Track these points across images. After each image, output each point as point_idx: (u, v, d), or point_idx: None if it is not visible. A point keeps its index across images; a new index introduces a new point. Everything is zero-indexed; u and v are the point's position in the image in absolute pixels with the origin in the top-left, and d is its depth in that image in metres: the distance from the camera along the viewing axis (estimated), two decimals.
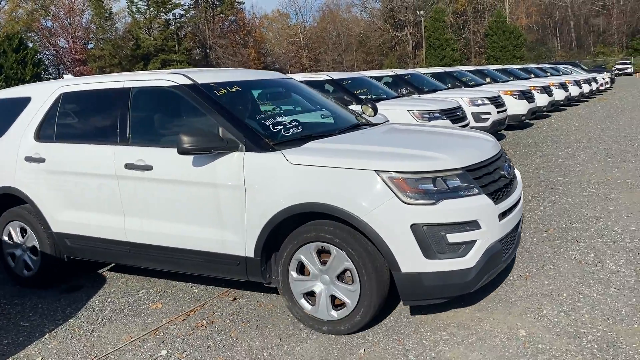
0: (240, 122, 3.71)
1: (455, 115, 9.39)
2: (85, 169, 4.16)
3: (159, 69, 57.57)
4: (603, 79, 27.93)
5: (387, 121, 5.33)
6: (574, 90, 20.22)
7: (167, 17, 66.75)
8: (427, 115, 8.94)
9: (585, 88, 22.27)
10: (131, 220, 4.02)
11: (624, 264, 4.21)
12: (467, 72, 16.25)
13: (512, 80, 17.91)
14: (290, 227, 3.45)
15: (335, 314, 3.37)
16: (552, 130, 13.41)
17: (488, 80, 16.57)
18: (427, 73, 14.52)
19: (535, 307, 3.57)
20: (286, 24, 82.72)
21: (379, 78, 11.89)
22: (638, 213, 5.57)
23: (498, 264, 3.40)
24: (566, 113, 17.54)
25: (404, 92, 11.33)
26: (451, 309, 3.61)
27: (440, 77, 14.53)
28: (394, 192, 3.10)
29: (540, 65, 26.18)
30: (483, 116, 11.10)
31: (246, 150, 3.51)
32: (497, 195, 3.36)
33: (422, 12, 67.02)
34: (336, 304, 3.39)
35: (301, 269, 3.48)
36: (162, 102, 4.21)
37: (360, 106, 5.38)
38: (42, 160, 4.38)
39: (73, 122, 4.50)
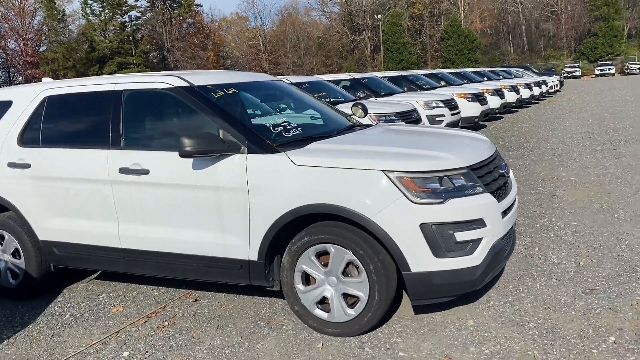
0: (241, 124, 3.70)
1: (410, 117, 9.67)
2: (76, 174, 4.05)
3: (115, 72, 56.44)
4: (552, 81, 29.03)
5: (377, 123, 5.28)
6: (525, 93, 20.99)
7: (123, 20, 65.56)
8: (384, 118, 9.17)
9: (536, 90, 23.15)
10: (126, 226, 3.94)
11: (564, 257, 4.50)
12: (422, 76, 16.67)
13: (465, 83, 18.47)
14: (292, 230, 3.45)
15: (350, 311, 3.35)
16: (504, 131, 13.92)
17: (442, 83, 17.04)
18: (384, 77, 14.81)
19: (484, 298, 3.79)
20: (245, 27, 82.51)
21: (337, 82, 12.10)
22: (580, 209, 5.91)
23: (501, 261, 3.50)
24: (517, 115, 18.21)
25: (361, 96, 11.57)
26: (406, 302, 3.79)
27: (397, 81, 14.86)
28: (402, 192, 3.12)
29: (493, 69, 27.04)
30: (437, 118, 11.44)
31: (248, 152, 3.48)
32: (498, 194, 3.43)
33: (379, 16, 67.95)
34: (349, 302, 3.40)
35: (307, 278, 3.49)
36: (157, 104, 4.15)
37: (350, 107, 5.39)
38: (27, 165, 4.23)
39: (60, 126, 4.34)
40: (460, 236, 3.14)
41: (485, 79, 21.41)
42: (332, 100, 10.09)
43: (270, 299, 4.08)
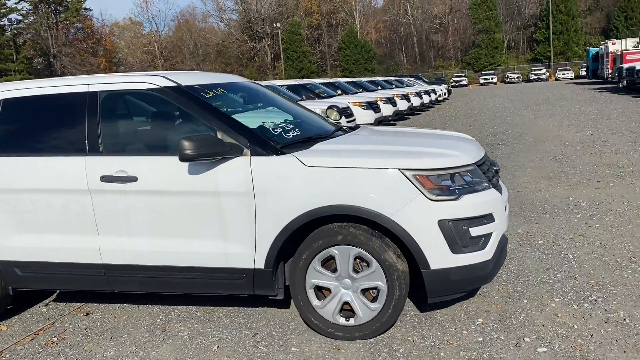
0: (242, 125, 3.49)
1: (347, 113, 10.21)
2: (45, 185, 3.66)
3: None
4: (441, 90, 30.97)
5: (359, 126, 4.98)
6: (416, 101, 22.25)
7: (2, 23, 60.71)
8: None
9: (426, 98, 24.61)
10: (108, 240, 3.63)
11: None
12: (320, 85, 17.13)
13: (361, 92, 19.23)
14: (299, 235, 3.34)
15: (374, 305, 3.28)
16: None
17: (339, 92, 17.62)
18: (282, 85, 15.07)
19: None
20: (139, 33, 79.64)
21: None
22: None
23: (505, 255, 3.63)
24: (409, 122, 19.28)
25: (259, 105, 11.68)
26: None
27: (295, 89, 15.16)
28: (419, 190, 3.12)
29: (386, 78, 28.37)
30: None
31: (252, 155, 3.32)
32: (497, 189, 3.50)
33: (278, 24, 68.57)
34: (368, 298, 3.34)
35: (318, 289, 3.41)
36: (140, 106, 3.91)
37: (325, 110, 5.34)
38: None
39: (19, 132, 3.90)
40: (474, 231, 3.19)
41: (379, 87, 22.44)
42: (229, 110, 10.14)
43: (167, 307, 4.09)
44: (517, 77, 59.18)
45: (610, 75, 34.59)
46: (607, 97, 23.01)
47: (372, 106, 14.99)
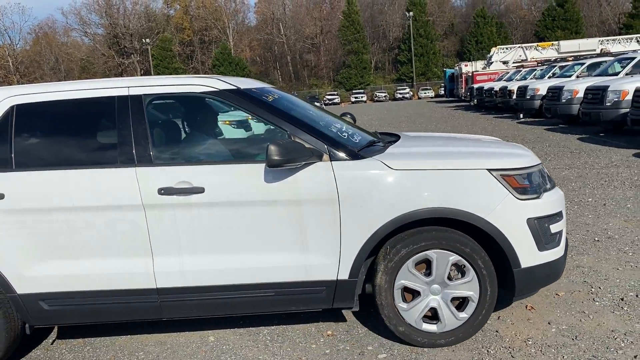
0: (318, 128, 3.32)
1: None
2: (83, 202, 3.17)
3: None
4: None
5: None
6: (258, 128, 22.61)
7: None
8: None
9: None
10: (164, 260, 3.22)
11: None
12: None
13: (232, 110, 19.16)
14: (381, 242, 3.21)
15: (462, 315, 3.25)
16: None
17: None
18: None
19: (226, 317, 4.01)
20: None
21: None
22: None
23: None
24: None
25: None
26: (150, 329, 3.83)
27: None
28: (508, 190, 3.14)
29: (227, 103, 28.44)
30: None
31: (332, 160, 3.16)
32: None
33: (148, 40, 66.32)
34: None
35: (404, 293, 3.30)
36: (196, 111, 3.51)
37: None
38: None
39: (43, 143, 3.38)
40: (553, 228, 3.26)
41: None
42: None
43: None
44: (385, 96, 62.72)
45: (463, 95, 37.94)
46: (460, 114, 25.19)
47: (243, 125, 15.00)
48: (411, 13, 68.47)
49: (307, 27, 77.16)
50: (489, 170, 3.16)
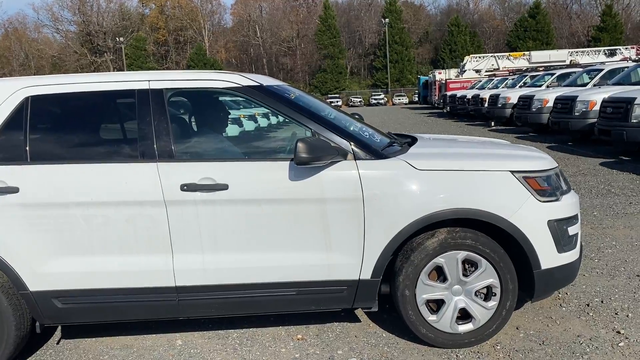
0: (341, 127, 3.30)
1: None
2: (102, 197, 3.09)
3: None
4: None
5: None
6: (263, 122, 22.56)
7: None
8: None
9: (274, 120, 25.05)
10: (184, 258, 3.15)
11: None
12: None
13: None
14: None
15: (491, 304, 3.25)
16: None
17: (182, 111, 17.23)
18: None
19: (193, 320, 3.94)
20: None
21: None
22: None
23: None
24: None
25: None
26: (116, 332, 3.74)
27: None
28: (529, 192, 3.16)
29: (234, 99, 28.33)
30: None
31: (356, 159, 3.14)
32: None
33: (122, 38, 65.40)
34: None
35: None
36: (218, 106, 3.42)
37: None
38: (13, 190, 3.08)
39: (60, 136, 3.28)
40: (571, 231, 3.30)
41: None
42: None
43: None
44: (360, 101, 63.03)
45: (437, 102, 38.42)
46: (433, 121, 25.49)
47: (237, 122, 14.91)
48: (387, 20, 69.10)
49: (283, 30, 77.16)
50: (512, 172, 3.20)
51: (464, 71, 36.31)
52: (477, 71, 35.38)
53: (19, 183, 3.11)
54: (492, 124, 19.53)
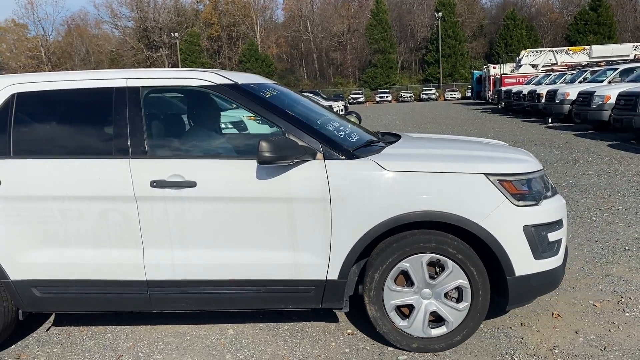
0: (312, 127, 3.28)
1: None
2: (77, 192, 3.20)
3: None
4: (338, 106, 31.73)
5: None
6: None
7: None
8: None
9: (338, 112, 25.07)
10: (154, 253, 3.23)
11: None
12: None
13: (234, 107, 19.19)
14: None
15: (462, 305, 3.18)
16: None
17: (234, 106, 17.48)
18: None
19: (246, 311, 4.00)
20: (24, 36, 74.19)
21: None
22: None
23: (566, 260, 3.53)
24: None
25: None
26: (169, 320, 3.83)
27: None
28: (505, 195, 3.06)
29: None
30: None
31: (325, 159, 3.12)
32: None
33: (176, 34, 67.00)
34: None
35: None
36: (193, 105, 3.51)
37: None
38: None
39: (41, 132, 3.42)
40: (551, 237, 3.17)
41: None
42: None
43: (24, 331, 3.78)
44: (410, 96, 62.27)
45: (491, 97, 37.45)
46: (486, 117, 24.87)
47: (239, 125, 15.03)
48: (440, 13, 67.85)
49: (334, 25, 77.02)
50: (486, 174, 3.09)
51: (520, 66, 35.17)
52: (534, 66, 34.19)
53: (1, 176, 3.24)
54: (549, 120, 18.85)
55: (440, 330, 3.21)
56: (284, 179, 3.11)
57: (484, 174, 3.08)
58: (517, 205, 3.08)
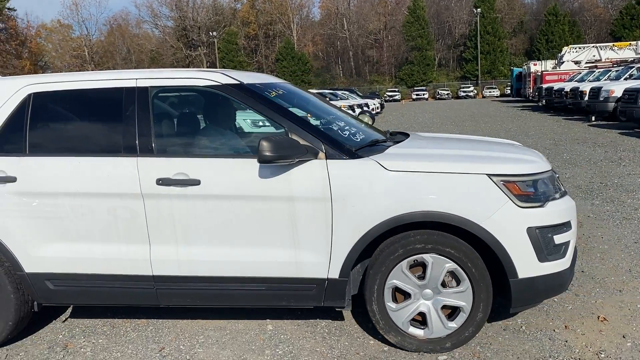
0: (314, 126, 3.33)
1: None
2: (87, 189, 3.31)
3: None
4: (374, 104, 31.61)
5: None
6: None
7: None
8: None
9: (358, 112, 25.03)
10: (160, 249, 3.33)
11: None
12: None
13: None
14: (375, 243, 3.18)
15: (451, 324, 3.19)
16: None
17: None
18: None
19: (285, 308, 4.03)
20: (68, 36, 76.50)
21: None
22: None
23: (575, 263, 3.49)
24: None
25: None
26: (209, 315, 3.90)
27: None
28: (508, 197, 3.03)
29: (320, 91, 28.64)
30: None
31: (327, 158, 3.14)
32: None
33: (214, 33, 67.92)
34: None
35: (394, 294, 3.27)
36: (199, 104, 3.64)
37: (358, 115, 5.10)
38: (11, 179, 3.37)
39: (55, 130, 3.54)
40: (557, 239, 3.12)
41: None
42: None
43: (71, 322, 3.91)
44: (447, 94, 61.45)
45: (531, 95, 36.59)
46: (527, 115, 24.32)
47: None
48: (479, 9, 66.63)
49: (370, 22, 76.63)
50: (489, 175, 3.05)
51: (562, 62, 34.23)
52: (577, 62, 33.23)
53: (17, 173, 3.37)
54: (593, 118, 18.31)
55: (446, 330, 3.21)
56: (286, 178, 3.14)
57: (486, 174, 3.06)
58: (521, 207, 3.03)
